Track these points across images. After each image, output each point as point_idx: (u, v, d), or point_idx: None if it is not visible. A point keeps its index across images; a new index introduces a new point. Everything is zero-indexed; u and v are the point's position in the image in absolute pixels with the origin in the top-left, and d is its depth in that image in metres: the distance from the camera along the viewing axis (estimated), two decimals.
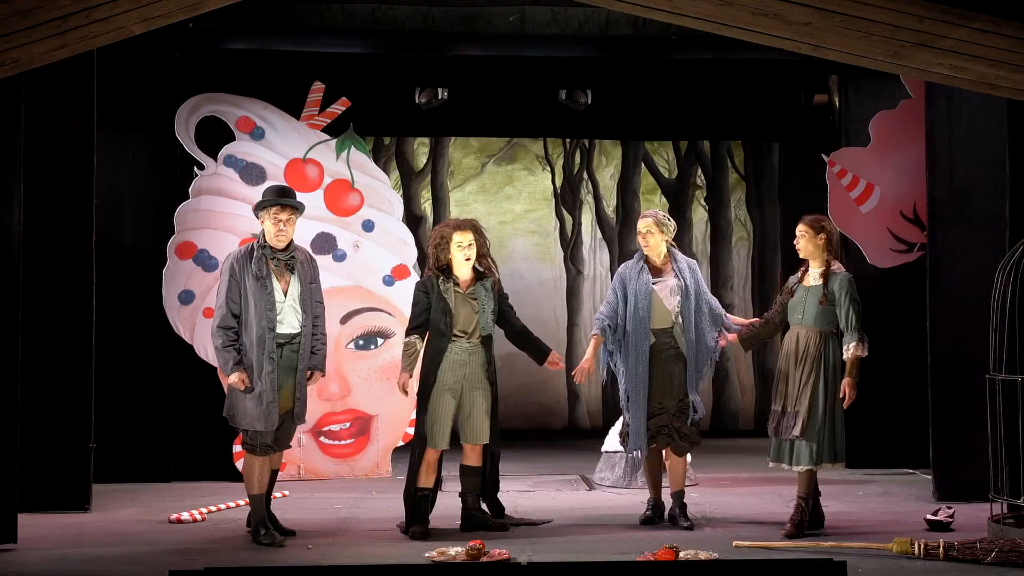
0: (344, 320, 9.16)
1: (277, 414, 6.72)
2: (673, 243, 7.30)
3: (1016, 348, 6.70)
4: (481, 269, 7.09)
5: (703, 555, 5.90)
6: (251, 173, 9.10)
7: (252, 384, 6.65)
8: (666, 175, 13.34)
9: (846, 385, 6.79)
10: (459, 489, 7.13)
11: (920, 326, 8.27)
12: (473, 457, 7.03)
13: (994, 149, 7.70)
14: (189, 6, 6.03)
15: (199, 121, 9.02)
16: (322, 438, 9.12)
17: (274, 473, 7.05)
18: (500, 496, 7.97)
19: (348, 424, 9.20)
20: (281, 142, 9.19)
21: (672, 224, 7.32)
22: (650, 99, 10.94)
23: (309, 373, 6.94)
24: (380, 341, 9.30)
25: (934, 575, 5.81)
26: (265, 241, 6.82)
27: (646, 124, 11.54)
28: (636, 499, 8.18)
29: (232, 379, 6.65)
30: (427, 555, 6.05)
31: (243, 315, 6.73)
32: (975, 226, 7.83)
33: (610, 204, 13.25)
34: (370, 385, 9.26)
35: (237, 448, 8.96)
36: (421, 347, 7.04)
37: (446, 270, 7.00)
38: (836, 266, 7.01)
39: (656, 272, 7.18)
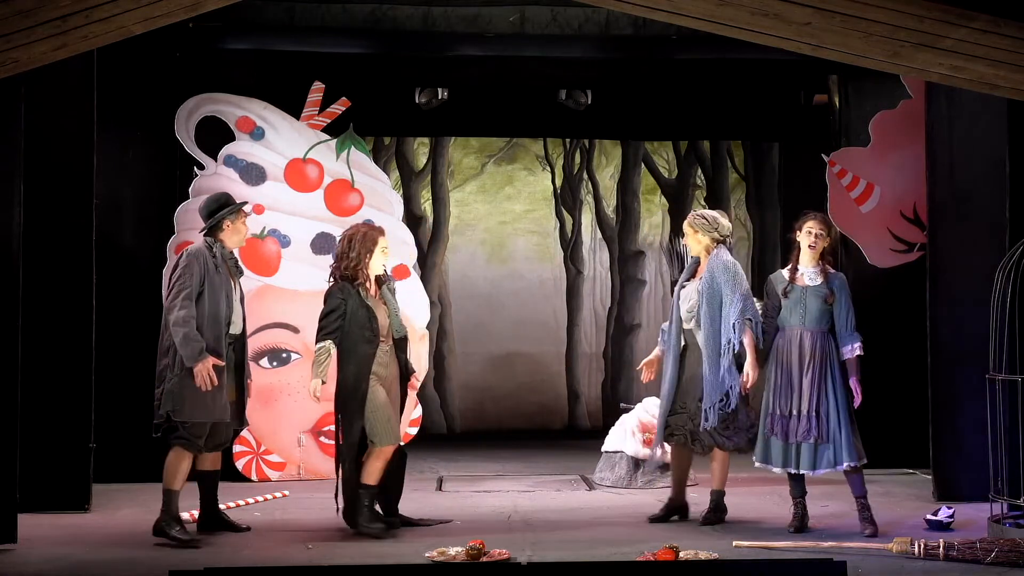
0: None
1: (230, 408, 6.82)
2: (720, 243, 7.18)
3: (1016, 348, 6.70)
4: (379, 274, 7.06)
5: (703, 555, 5.90)
6: (251, 173, 9.10)
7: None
8: (666, 175, 13.34)
9: (855, 385, 6.82)
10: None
11: (920, 326, 8.27)
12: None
13: (994, 149, 7.70)
14: (189, 6, 6.03)
15: (199, 121, 9.01)
16: (322, 438, 9.11)
17: (216, 473, 7.08)
18: (500, 496, 8.00)
19: None
20: (281, 142, 9.18)
21: (712, 223, 7.19)
22: (650, 99, 10.94)
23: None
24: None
25: (934, 575, 5.80)
26: (223, 244, 6.92)
27: (646, 124, 11.54)
28: (636, 499, 8.19)
29: (201, 366, 6.57)
30: (427, 555, 6.05)
31: (207, 311, 6.72)
32: (975, 226, 7.82)
33: (610, 204, 13.26)
34: None
35: (237, 448, 8.96)
36: (334, 353, 6.91)
37: (360, 277, 6.91)
38: (828, 265, 7.02)
39: (697, 274, 7.22)
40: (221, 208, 6.97)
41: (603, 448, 9.07)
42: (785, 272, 7.04)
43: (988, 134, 7.76)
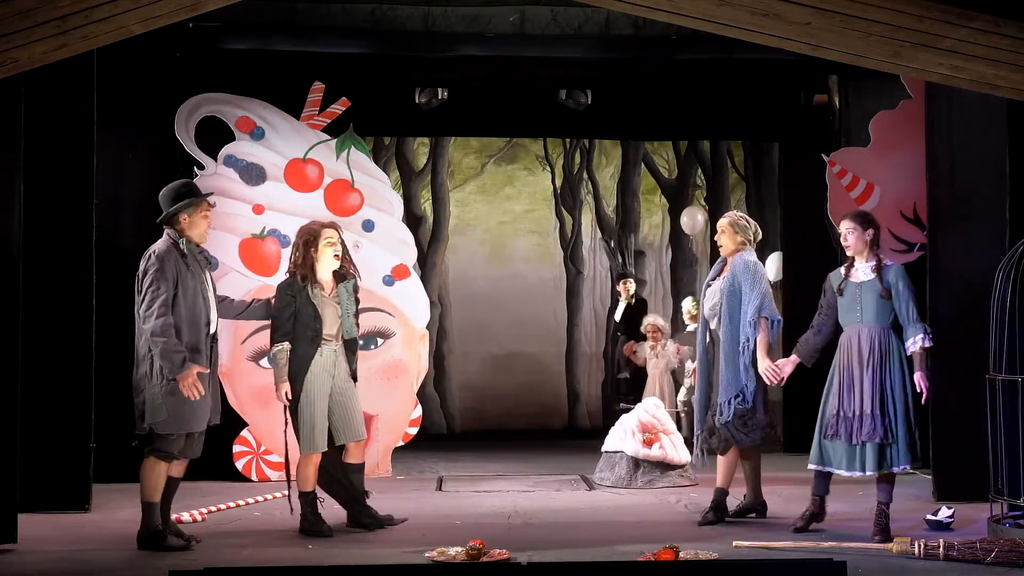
0: None
1: (210, 413, 6.61)
2: (748, 246, 7.26)
3: (1016, 348, 6.69)
4: (339, 271, 7.03)
5: (703, 555, 5.90)
6: (251, 173, 9.10)
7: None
8: (666, 175, 13.35)
9: (921, 379, 6.62)
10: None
11: None
12: (357, 454, 7.07)
13: (994, 149, 7.70)
14: (189, 6, 6.03)
15: (199, 121, 9.01)
16: None
17: (178, 481, 6.78)
18: (500, 496, 7.99)
19: None
20: (281, 142, 9.18)
21: (750, 225, 7.31)
22: (650, 99, 10.95)
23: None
24: (380, 341, 9.29)
25: (934, 575, 5.80)
26: (184, 237, 6.58)
27: (646, 124, 11.55)
28: (636, 499, 8.19)
29: (186, 376, 6.35)
30: (427, 555, 6.04)
31: (183, 314, 6.46)
32: (975, 226, 7.82)
33: (610, 204, 13.27)
34: (370, 385, 9.23)
35: (237, 448, 8.97)
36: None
37: (311, 272, 6.89)
38: (887, 259, 6.88)
39: (722, 273, 7.28)
40: (179, 199, 6.62)
41: (603, 448, 9.07)
42: (842, 269, 6.94)
43: (988, 134, 7.76)
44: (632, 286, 11.52)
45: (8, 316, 6.66)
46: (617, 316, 11.62)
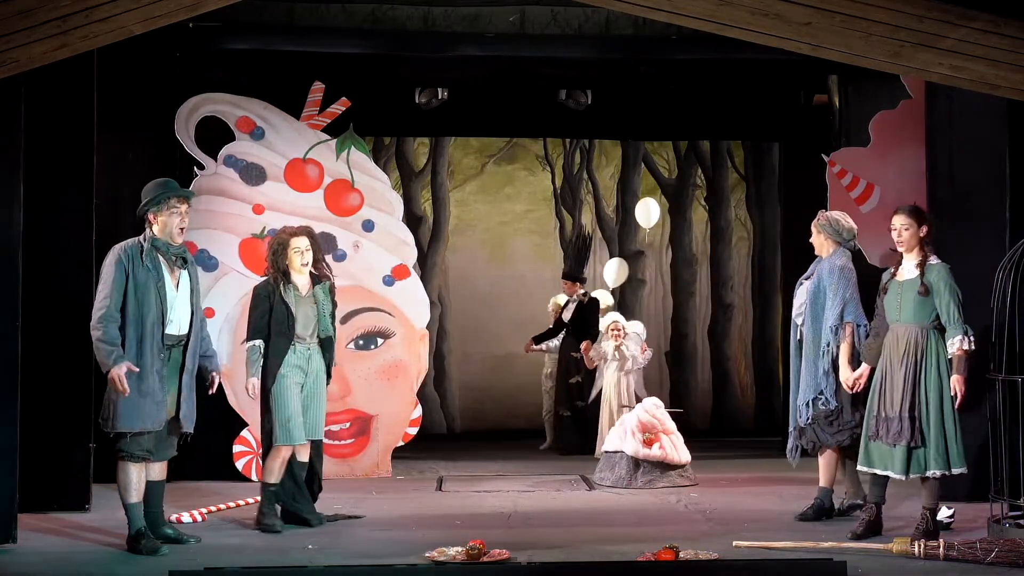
0: (344, 320, 9.13)
1: (164, 413, 6.47)
2: (841, 245, 7.25)
3: (1016, 348, 6.69)
4: (316, 273, 7.25)
5: (703, 555, 5.91)
6: (251, 173, 9.10)
7: (129, 383, 6.28)
8: (666, 175, 13.35)
9: (956, 382, 6.45)
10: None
11: None
12: (304, 452, 7.24)
13: (994, 149, 7.70)
14: (189, 6, 6.03)
15: (199, 121, 9.02)
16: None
17: (162, 484, 6.67)
18: (500, 496, 7.97)
19: (348, 424, 9.20)
20: (281, 142, 9.19)
21: (832, 225, 7.26)
22: (650, 99, 10.95)
23: (212, 377, 6.74)
24: (380, 341, 9.30)
25: (934, 575, 5.81)
26: (155, 236, 6.52)
27: (646, 124, 11.55)
28: (636, 499, 8.19)
29: (116, 371, 6.27)
30: (427, 555, 6.05)
31: (130, 310, 6.38)
32: (975, 226, 7.82)
33: (610, 204, 13.27)
34: (370, 385, 9.26)
35: (237, 448, 8.96)
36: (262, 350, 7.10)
37: (285, 275, 7.14)
38: (933, 257, 6.67)
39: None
40: (149, 197, 6.58)
41: (603, 448, 9.07)
42: (892, 267, 6.84)
43: (988, 134, 7.76)
44: (580, 288, 11.43)
45: (8, 316, 6.65)
46: (566, 316, 11.47)
